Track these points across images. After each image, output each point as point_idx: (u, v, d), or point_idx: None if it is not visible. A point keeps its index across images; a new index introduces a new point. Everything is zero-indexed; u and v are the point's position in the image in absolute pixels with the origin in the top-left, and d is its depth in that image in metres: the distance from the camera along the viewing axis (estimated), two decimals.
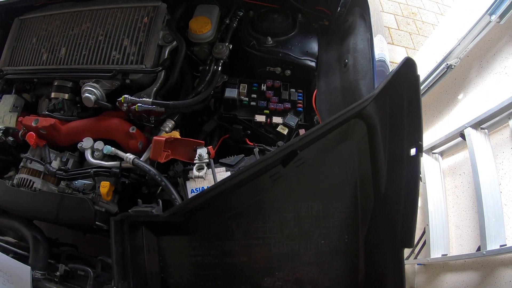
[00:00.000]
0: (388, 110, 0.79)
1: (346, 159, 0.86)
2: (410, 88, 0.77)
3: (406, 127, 0.76)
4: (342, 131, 0.80)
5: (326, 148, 0.81)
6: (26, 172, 1.65)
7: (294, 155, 0.75)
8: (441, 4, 5.96)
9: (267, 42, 1.85)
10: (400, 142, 0.78)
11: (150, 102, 1.57)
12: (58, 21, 1.88)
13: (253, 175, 0.80)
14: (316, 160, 0.83)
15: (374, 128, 0.82)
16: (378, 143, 0.83)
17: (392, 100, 0.78)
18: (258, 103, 1.78)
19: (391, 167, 0.80)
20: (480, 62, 2.68)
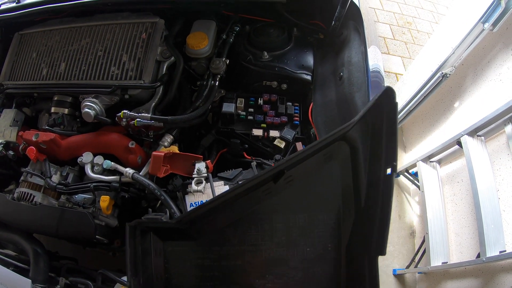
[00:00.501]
0: (370, 134, 0.86)
1: (331, 177, 0.94)
2: (389, 115, 0.82)
3: (384, 150, 0.82)
4: (328, 152, 0.89)
5: (313, 167, 0.90)
6: (27, 186, 1.66)
7: (282, 174, 0.84)
8: (436, 13, 6.00)
9: (264, 57, 1.87)
10: (378, 163, 0.84)
11: (149, 117, 1.60)
12: (58, 37, 1.90)
13: (247, 190, 0.89)
14: (303, 178, 0.92)
15: (357, 150, 0.90)
16: (359, 163, 0.90)
17: (373, 125, 0.85)
18: (255, 117, 1.80)
19: (370, 185, 0.87)
20: (474, 70, 2.70)
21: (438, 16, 5.85)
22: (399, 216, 3.44)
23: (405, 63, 4.82)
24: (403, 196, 3.58)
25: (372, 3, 5.84)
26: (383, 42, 5.09)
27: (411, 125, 3.73)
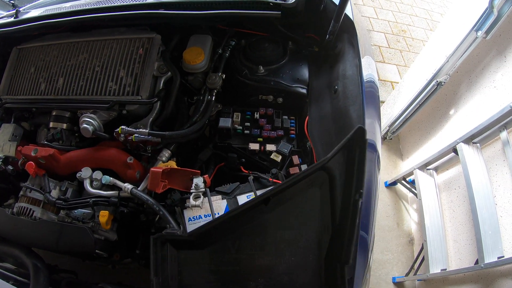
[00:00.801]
0: (345, 165, 1.04)
1: (312, 200, 1.12)
2: (360, 150, 1.00)
3: (355, 179, 1.01)
4: (310, 180, 1.06)
5: (297, 192, 1.08)
6: (26, 201, 1.66)
7: (268, 200, 1.02)
8: (430, 20, 6.06)
9: (259, 71, 1.89)
10: (350, 189, 1.03)
11: (147, 133, 1.61)
12: (55, 51, 1.92)
13: (244, 211, 1.06)
14: (290, 200, 1.09)
15: (334, 178, 1.06)
16: (336, 189, 1.07)
17: (348, 157, 1.03)
18: (251, 131, 1.82)
19: (343, 207, 1.06)
20: (469, 77, 2.72)
21: (432, 23, 5.92)
22: (397, 224, 3.45)
23: (401, 71, 4.86)
24: (401, 204, 3.60)
25: (367, 12, 5.90)
26: (378, 51, 5.13)
27: (408, 133, 3.75)
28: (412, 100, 3.26)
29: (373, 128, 1.66)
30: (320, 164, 1.01)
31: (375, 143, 1.66)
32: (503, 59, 2.39)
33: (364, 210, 1.35)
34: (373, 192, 1.52)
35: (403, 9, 6.35)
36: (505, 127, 2.24)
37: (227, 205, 1.48)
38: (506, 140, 2.21)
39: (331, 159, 1.01)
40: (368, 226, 1.41)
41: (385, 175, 3.79)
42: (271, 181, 1.53)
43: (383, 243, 3.33)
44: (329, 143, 1.63)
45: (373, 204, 1.49)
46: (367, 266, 1.40)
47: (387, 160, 3.89)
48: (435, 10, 6.55)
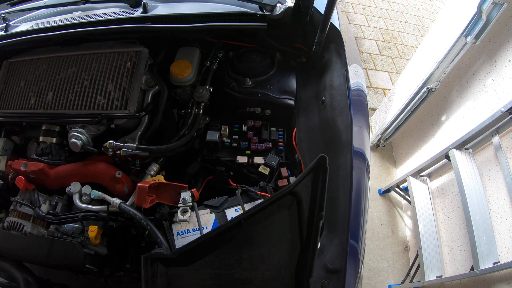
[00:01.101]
0: (310, 190, 1.13)
1: (283, 220, 1.19)
2: (323, 176, 1.09)
3: (317, 201, 1.10)
4: (279, 204, 1.15)
5: (269, 214, 1.16)
6: (16, 215, 1.66)
7: (240, 224, 1.11)
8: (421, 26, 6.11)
9: (246, 83, 1.90)
10: (313, 211, 1.12)
11: (134, 147, 1.61)
12: (45, 65, 1.92)
13: (221, 232, 1.14)
14: (262, 221, 1.17)
15: (301, 201, 1.14)
16: (303, 211, 1.15)
17: (313, 183, 1.12)
18: (239, 144, 1.81)
19: (309, 227, 1.14)
20: (460, 83, 2.73)
21: (423, 29, 5.96)
22: (392, 231, 3.45)
23: (392, 78, 4.88)
24: (395, 211, 3.60)
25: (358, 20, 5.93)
26: (370, 58, 5.16)
27: (400, 140, 3.76)
28: (403, 107, 3.27)
29: (361, 136, 1.67)
30: (288, 189, 1.10)
31: (363, 151, 1.67)
32: (494, 63, 2.40)
33: (353, 219, 1.37)
34: (363, 200, 1.52)
35: (394, 16, 6.40)
36: (497, 132, 2.24)
37: (216, 219, 1.48)
38: (498, 145, 2.22)
39: (298, 184, 1.11)
40: (358, 235, 1.42)
41: (379, 183, 3.79)
42: (259, 194, 1.53)
43: (378, 251, 3.32)
44: (317, 155, 1.61)
45: (363, 212, 1.50)
46: (358, 275, 1.40)
47: (380, 168, 3.89)
48: (425, 16, 6.60)
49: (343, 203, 1.39)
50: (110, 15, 1.88)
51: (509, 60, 2.27)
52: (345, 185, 1.41)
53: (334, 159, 1.52)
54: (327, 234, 1.38)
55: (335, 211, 1.40)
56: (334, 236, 1.36)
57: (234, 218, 1.11)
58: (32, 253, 1.58)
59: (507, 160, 2.15)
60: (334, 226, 1.38)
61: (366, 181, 1.64)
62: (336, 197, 1.42)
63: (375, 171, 3.88)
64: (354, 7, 6.46)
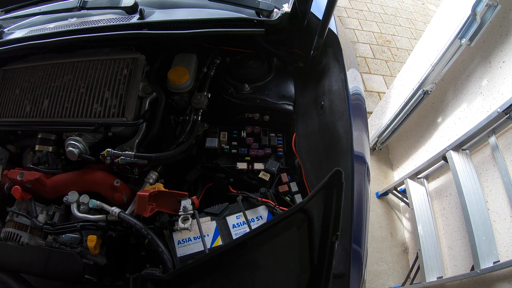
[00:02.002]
0: (323, 206, 1.02)
1: (291, 241, 1.11)
2: (337, 192, 0.98)
3: (332, 220, 0.99)
4: (288, 222, 1.05)
5: (275, 233, 1.06)
6: (13, 226, 1.63)
7: (245, 244, 1.02)
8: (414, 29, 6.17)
9: (244, 89, 1.89)
10: (327, 231, 1.00)
11: (133, 155, 1.59)
12: (40, 73, 1.90)
13: (222, 253, 1.06)
14: (268, 242, 1.09)
15: (312, 219, 1.05)
16: (314, 230, 1.06)
17: (326, 199, 1.01)
18: (239, 150, 1.80)
19: (320, 248, 1.04)
20: (455, 85, 2.75)
21: (416, 32, 6.03)
22: (390, 234, 3.46)
23: (387, 81, 4.92)
24: (394, 213, 3.61)
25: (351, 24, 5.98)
26: (364, 62, 5.19)
27: (397, 142, 3.77)
28: (399, 110, 3.28)
29: (361, 140, 1.67)
30: (298, 206, 1.03)
31: (363, 155, 1.67)
32: (488, 65, 2.42)
33: (356, 223, 1.37)
34: (364, 204, 1.52)
35: (387, 19, 6.45)
36: (494, 132, 2.26)
37: (217, 227, 1.47)
38: (495, 145, 2.23)
39: (309, 201, 1.03)
40: (361, 239, 1.41)
41: (376, 186, 3.80)
42: (260, 200, 1.52)
43: (377, 254, 3.32)
44: (317, 160, 1.62)
45: (365, 217, 1.49)
46: (362, 279, 1.39)
47: (377, 171, 3.90)
48: (418, 19, 6.67)
49: (345, 208, 1.38)
50: (106, 21, 1.87)
51: (504, 61, 2.29)
52: (347, 189, 1.40)
53: (335, 164, 1.52)
54: None
55: None
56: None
57: (239, 238, 1.04)
58: (29, 264, 1.55)
59: (504, 160, 2.17)
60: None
61: (367, 184, 1.64)
62: None
63: (372, 174, 3.89)
64: (347, 11, 6.51)
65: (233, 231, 1.46)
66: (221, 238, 1.44)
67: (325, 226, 1.04)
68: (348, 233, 1.33)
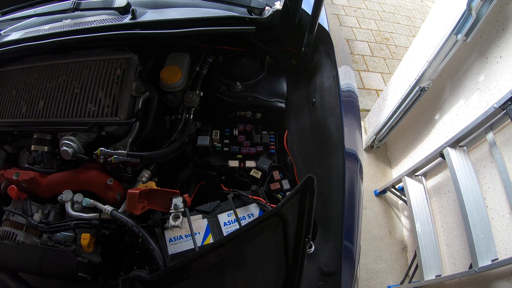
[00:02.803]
0: (297, 211, 1.08)
1: (267, 242, 1.15)
2: (310, 198, 1.04)
3: (304, 224, 1.05)
4: (264, 225, 1.09)
5: (253, 235, 1.10)
6: (9, 225, 1.65)
7: (224, 246, 1.04)
8: (412, 26, 6.15)
9: (236, 87, 1.89)
10: (299, 234, 1.07)
11: (125, 154, 1.60)
12: (36, 74, 1.91)
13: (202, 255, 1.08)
14: (246, 243, 1.12)
15: (287, 222, 1.09)
16: (289, 233, 1.11)
17: (300, 204, 1.08)
18: (230, 149, 1.80)
19: (294, 249, 1.10)
20: (452, 81, 2.74)
21: (415, 29, 6.02)
22: (389, 232, 3.45)
23: (385, 79, 4.92)
24: (392, 211, 3.60)
25: (349, 22, 5.96)
26: (362, 60, 5.18)
27: (395, 140, 3.76)
28: (396, 107, 3.27)
29: (353, 137, 1.67)
30: (273, 211, 1.05)
31: (356, 153, 1.67)
32: (485, 60, 2.41)
33: (347, 220, 1.36)
34: (356, 201, 1.52)
35: (385, 17, 6.43)
36: (491, 129, 2.25)
37: (208, 224, 1.47)
38: (492, 142, 2.22)
39: (284, 205, 1.06)
40: (352, 236, 1.41)
41: (374, 184, 3.80)
42: (252, 198, 1.52)
43: (376, 252, 3.32)
44: (309, 157, 1.62)
45: (357, 213, 1.49)
46: (354, 276, 1.39)
47: (375, 169, 3.90)
48: (416, 17, 6.64)
49: (336, 205, 1.39)
50: (99, 22, 1.88)
51: (501, 56, 2.28)
52: (338, 186, 1.40)
53: (326, 161, 1.52)
54: (321, 237, 1.38)
55: (328, 213, 1.40)
56: (328, 238, 1.36)
57: (217, 241, 1.09)
58: (25, 262, 1.57)
59: (502, 157, 2.16)
60: (328, 228, 1.38)
61: (359, 182, 1.64)
62: (329, 198, 1.42)
63: (370, 172, 3.89)
64: (345, 9, 6.49)
65: (224, 228, 1.46)
66: (212, 236, 1.44)
67: (299, 229, 1.09)
68: (339, 231, 1.33)
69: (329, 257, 1.30)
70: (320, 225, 1.40)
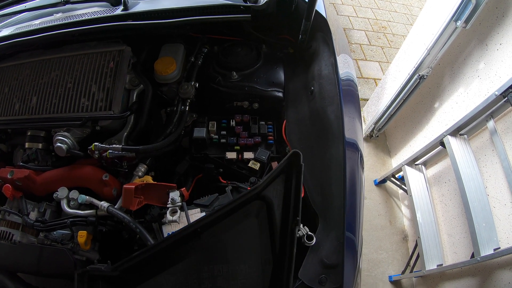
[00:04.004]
0: (282, 193, 1.00)
1: (250, 231, 1.06)
2: (296, 176, 0.98)
3: (292, 206, 0.98)
4: (245, 210, 1.01)
5: (233, 223, 1.02)
6: (5, 224, 1.62)
7: (196, 233, 0.97)
8: (410, 14, 6.11)
9: (232, 77, 1.86)
10: (287, 217, 0.99)
11: (120, 148, 1.57)
12: (28, 70, 1.88)
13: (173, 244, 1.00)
14: (226, 232, 1.04)
15: (272, 205, 1.02)
16: (275, 217, 1.03)
17: (285, 184, 1.00)
18: (228, 140, 1.77)
19: (281, 236, 1.01)
20: (451, 68, 2.71)
21: (412, 18, 5.98)
22: (389, 221, 3.43)
23: (383, 68, 4.90)
24: (392, 201, 3.58)
25: (346, 11, 5.92)
26: (360, 49, 5.16)
27: (394, 129, 3.74)
28: (395, 96, 3.25)
29: (353, 126, 1.64)
30: (254, 192, 0.98)
31: (356, 142, 1.63)
32: (485, 47, 2.39)
33: (349, 211, 1.33)
34: (358, 191, 1.48)
35: (382, 5, 6.39)
36: (492, 116, 2.23)
37: None
38: (493, 129, 2.20)
39: (266, 187, 0.98)
40: (354, 227, 1.38)
41: (374, 173, 3.78)
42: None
43: (376, 242, 3.31)
44: (309, 147, 1.59)
45: (359, 204, 1.46)
46: (357, 268, 1.36)
47: (375, 158, 3.88)
48: (414, 5, 6.60)
49: (337, 196, 1.36)
50: (91, 14, 1.85)
51: (501, 43, 2.25)
52: (338, 176, 1.37)
53: (326, 150, 1.49)
54: (322, 228, 1.35)
55: (329, 204, 1.37)
56: (329, 230, 1.33)
57: (189, 225, 0.98)
58: (22, 262, 1.54)
59: (503, 145, 2.13)
60: (329, 220, 1.35)
61: (360, 171, 1.61)
62: (330, 189, 1.39)
63: (370, 161, 3.87)
64: None
65: None
66: None
67: (285, 212, 1.01)
68: (340, 223, 1.30)
69: (331, 250, 1.27)
70: (321, 216, 1.37)
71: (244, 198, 0.96)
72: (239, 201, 0.97)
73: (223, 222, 0.98)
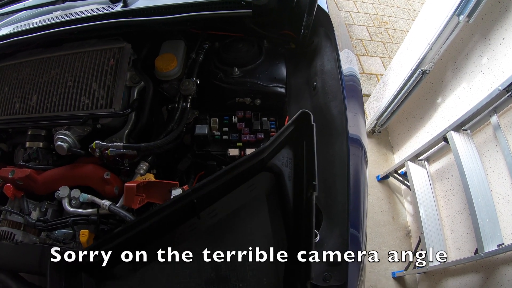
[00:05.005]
0: (292, 157, 0.90)
1: (258, 209, 0.96)
2: (308, 137, 0.88)
3: (305, 170, 0.87)
4: (251, 185, 0.90)
5: (237, 200, 0.92)
6: (7, 224, 1.62)
7: (193, 205, 0.85)
8: (411, 10, 6.09)
9: (234, 73, 1.84)
10: (301, 184, 0.88)
11: (122, 146, 1.56)
12: (28, 69, 1.87)
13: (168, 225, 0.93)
14: (229, 211, 0.94)
15: (281, 175, 0.91)
16: (285, 188, 0.93)
17: (295, 148, 0.90)
18: (230, 137, 1.75)
19: (296, 210, 0.90)
20: (454, 63, 2.71)
21: (413, 13, 5.96)
22: (392, 217, 3.43)
23: (385, 63, 4.89)
24: (395, 197, 3.57)
25: (347, 7, 5.91)
26: (361, 44, 5.15)
27: (396, 125, 3.73)
28: (398, 91, 3.24)
29: (357, 122, 1.63)
30: (259, 156, 0.85)
31: (360, 138, 1.63)
32: (488, 42, 2.38)
33: (353, 207, 1.32)
34: (362, 187, 1.48)
35: (383, 0, 6.36)
36: (495, 111, 2.22)
37: None
38: (497, 125, 2.19)
39: (273, 153, 0.86)
40: (358, 223, 1.37)
41: (377, 169, 3.77)
42: None
43: (379, 238, 3.30)
44: None
45: (363, 200, 1.45)
46: (361, 266, 1.36)
47: (377, 154, 3.87)
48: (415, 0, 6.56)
49: (340, 192, 1.34)
50: (90, 12, 1.84)
51: (504, 38, 2.24)
52: (342, 173, 1.35)
53: (329, 146, 1.47)
54: (326, 225, 1.33)
55: (333, 200, 1.35)
56: (333, 227, 1.31)
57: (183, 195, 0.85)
58: (24, 262, 1.54)
59: (507, 140, 2.13)
60: (333, 217, 1.33)
61: (364, 167, 1.60)
62: (333, 185, 1.37)
63: (372, 157, 3.87)
64: None
65: None
66: None
67: (298, 180, 0.90)
68: (344, 220, 1.28)
69: (335, 247, 1.25)
70: (324, 213, 1.36)
71: (248, 162, 0.86)
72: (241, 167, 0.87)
73: (225, 197, 0.89)
